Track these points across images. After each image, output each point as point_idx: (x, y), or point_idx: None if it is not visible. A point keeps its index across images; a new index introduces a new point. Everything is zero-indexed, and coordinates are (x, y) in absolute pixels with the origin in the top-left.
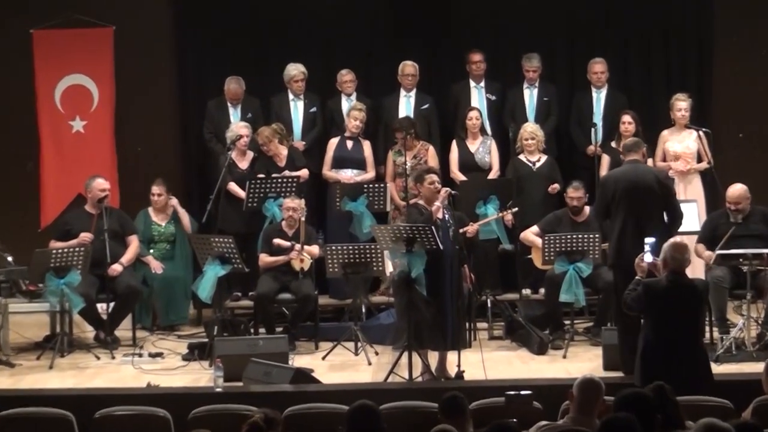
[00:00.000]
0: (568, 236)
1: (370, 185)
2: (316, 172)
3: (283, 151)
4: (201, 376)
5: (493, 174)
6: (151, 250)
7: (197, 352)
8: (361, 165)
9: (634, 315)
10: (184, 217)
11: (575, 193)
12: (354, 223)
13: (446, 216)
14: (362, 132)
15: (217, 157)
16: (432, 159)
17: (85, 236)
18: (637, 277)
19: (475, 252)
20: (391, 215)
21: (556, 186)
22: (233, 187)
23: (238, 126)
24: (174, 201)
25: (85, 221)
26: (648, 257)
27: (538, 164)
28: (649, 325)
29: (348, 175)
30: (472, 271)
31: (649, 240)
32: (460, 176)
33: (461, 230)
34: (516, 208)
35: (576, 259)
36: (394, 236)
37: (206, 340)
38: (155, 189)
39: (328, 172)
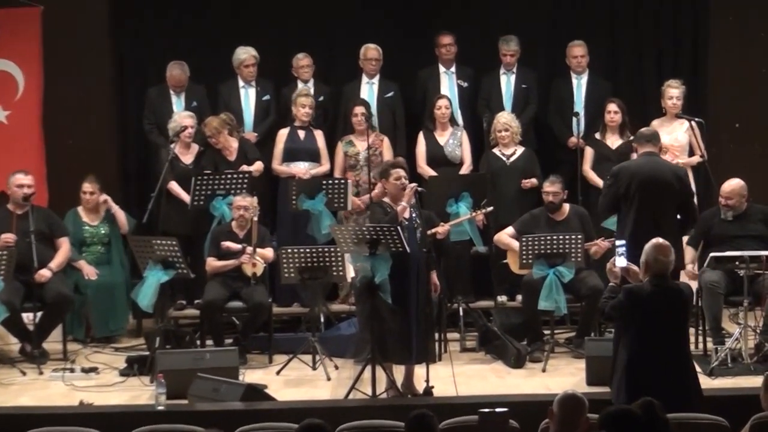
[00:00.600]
0: (547, 237)
1: (330, 181)
2: (269, 166)
3: (233, 144)
4: (141, 393)
5: (465, 169)
6: (84, 254)
7: (137, 367)
8: (314, 156)
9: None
10: (120, 215)
11: (551, 187)
12: (311, 223)
13: (413, 215)
14: (313, 120)
15: (158, 150)
16: (387, 151)
17: (7, 237)
18: (610, 284)
19: (446, 255)
20: (343, 215)
21: (533, 181)
22: (174, 187)
23: (181, 116)
24: (105, 197)
25: (7, 221)
26: (621, 261)
27: (512, 158)
28: (632, 335)
29: (301, 167)
30: (442, 277)
31: (620, 242)
32: (428, 171)
33: (430, 231)
34: (490, 207)
35: (556, 262)
36: (355, 238)
37: (147, 353)
38: (86, 186)
39: (279, 166)
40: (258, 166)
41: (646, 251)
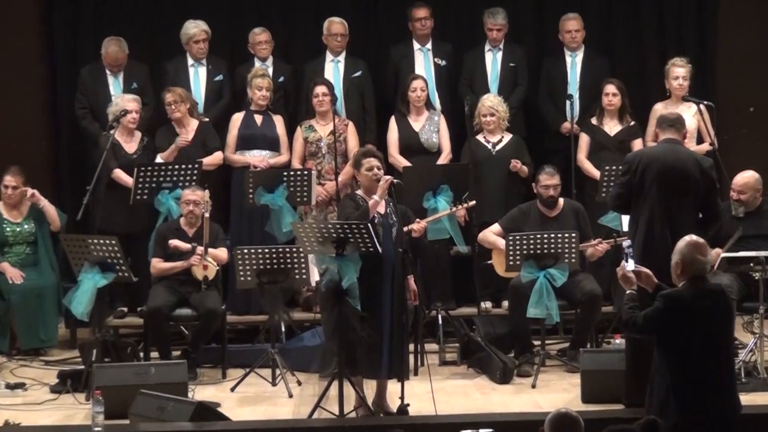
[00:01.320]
0: (537, 236)
1: (291, 172)
2: (222, 156)
3: (192, 124)
4: (76, 412)
5: (444, 158)
6: (6, 255)
7: (70, 383)
8: (273, 144)
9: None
10: (50, 211)
11: (550, 180)
12: (270, 220)
13: (389, 211)
14: (272, 103)
15: (92, 137)
16: (353, 137)
17: None
18: (628, 292)
19: (423, 256)
20: (303, 209)
21: (519, 165)
22: (120, 175)
23: (124, 99)
24: (32, 192)
25: None
26: (630, 265)
27: (499, 146)
28: (675, 349)
29: (259, 156)
30: (419, 280)
31: (626, 243)
32: (402, 161)
33: (405, 229)
34: (473, 201)
35: (547, 264)
36: (321, 236)
37: (82, 366)
38: (8, 179)
39: (233, 155)
40: (216, 158)
41: (682, 251)
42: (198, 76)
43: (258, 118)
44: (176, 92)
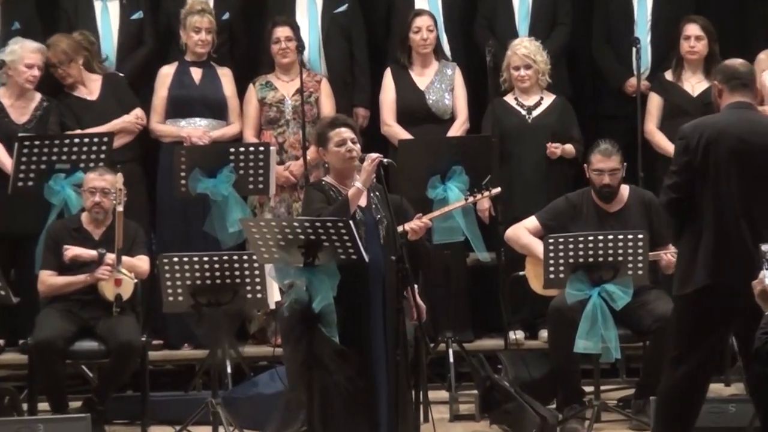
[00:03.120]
0: (590, 238)
1: (242, 149)
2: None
3: (94, 82)
4: None
5: (459, 128)
6: None
7: None
8: (217, 109)
9: None
10: None
11: (605, 162)
12: (211, 216)
13: (375, 203)
14: (215, 51)
15: None
16: (327, 99)
17: None
18: None
19: (427, 266)
20: (257, 201)
21: (567, 148)
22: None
23: (25, 47)
24: None
25: None
26: None
27: (536, 111)
28: None
29: (195, 127)
30: (421, 299)
31: (766, 246)
32: (399, 132)
33: (402, 228)
34: (498, 189)
35: (604, 278)
36: (283, 238)
37: None
38: None
39: (159, 125)
40: (134, 116)
41: None
42: (107, 14)
43: (195, 73)
44: (58, 48)
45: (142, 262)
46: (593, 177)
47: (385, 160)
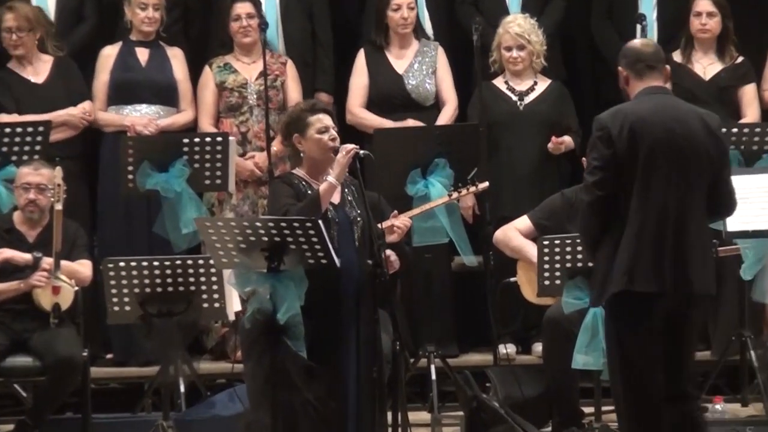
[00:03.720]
0: None
1: (197, 139)
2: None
3: (44, 63)
4: None
5: (449, 116)
6: None
7: None
8: (167, 95)
9: None
10: None
11: None
12: (162, 215)
13: (349, 199)
14: (165, 29)
15: None
16: (294, 83)
17: None
18: None
19: (406, 272)
20: (215, 198)
21: (566, 140)
22: None
23: None
24: None
25: None
26: None
27: (529, 97)
28: None
29: (143, 115)
30: (400, 309)
31: None
32: (373, 120)
33: (380, 227)
34: (485, 183)
35: None
36: (244, 241)
37: None
38: None
39: (100, 112)
40: (81, 110)
41: None
42: None
43: (142, 54)
44: (21, 12)
45: (84, 268)
46: None
47: (362, 151)
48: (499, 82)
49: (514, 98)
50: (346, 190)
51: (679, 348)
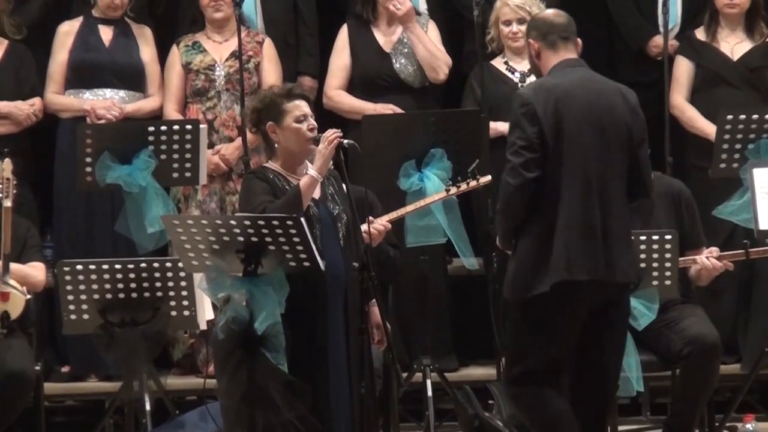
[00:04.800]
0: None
1: (163, 127)
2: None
3: None
4: None
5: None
6: None
7: None
8: (131, 78)
9: None
10: None
11: None
12: (125, 212)
13: (331, 194)
14: (130, 5)
15: None
16: (272, 64)
17: None
18: None
19: (398, 275)
20: (182, 194)
21: None
22: None
23: None
24: None
25: None
26: None
27: (531, 78)
28: None
29: (104, 99)
30: (391, 317)
31: None
32: (357, 105)
33: (366, 227)
34: (488, 177)
35: None
36: (217, 241)
37: None
38: None
39: (56, 96)
40: (29, 105)
41: None
42: None
43: (105, 33)
44: None
45: (37, 271)
46: None
47: (345, 141)
48: (497, 63)
49: (515, 80)
50: (327, 183)
51: (601, 352)
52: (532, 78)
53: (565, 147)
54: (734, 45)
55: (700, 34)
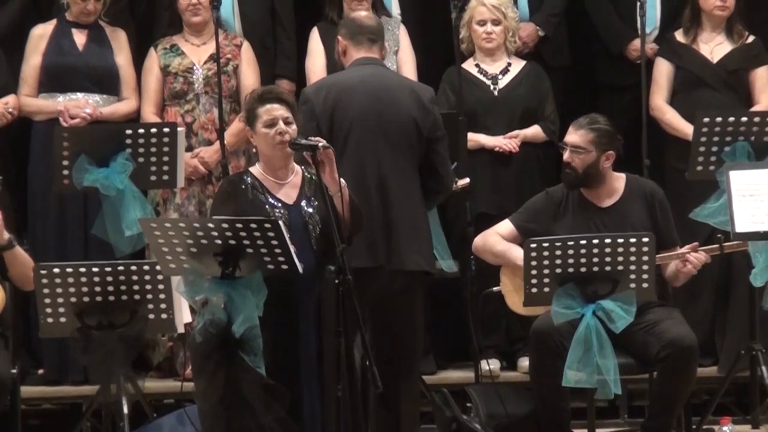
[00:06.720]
0: (583, 242)
1: (141, 130)
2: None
3: None
4: None
5: None
6: None
7: None
8: (107, 82)
9: None
10: None
11: (568, 136)
12: (102, 215)
13: (308, 196)
14: (105, 9)
15: None
16: (250, 67)
17: None
18: None
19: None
20: (161, 197)
21: (528, 133)
22: None
23: None
24: None
25: None
26: None
27: (503, 80)
28: None
29: (78, 100)
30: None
31: None
32: None
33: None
34: (467, 180)
35: (599, 292)
36: (195, 244)
37: None
38: None
39: (29, 98)
40: (2, 104)
41: None
42: None
43: (79, 36)
44: None
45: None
46: (570, 159)
47: (320, 143)
48: (469, 66)
49: (488, 82)
50: (302, 186)
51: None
52: (506, 80)
53: (342, 140)
54: (714, 47)
55: (679, 36)
